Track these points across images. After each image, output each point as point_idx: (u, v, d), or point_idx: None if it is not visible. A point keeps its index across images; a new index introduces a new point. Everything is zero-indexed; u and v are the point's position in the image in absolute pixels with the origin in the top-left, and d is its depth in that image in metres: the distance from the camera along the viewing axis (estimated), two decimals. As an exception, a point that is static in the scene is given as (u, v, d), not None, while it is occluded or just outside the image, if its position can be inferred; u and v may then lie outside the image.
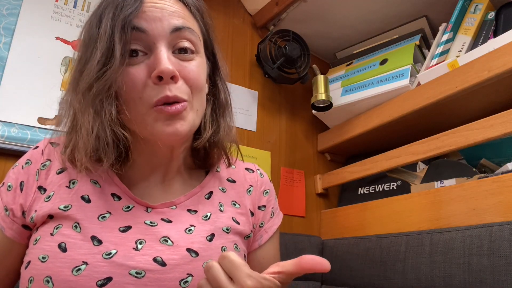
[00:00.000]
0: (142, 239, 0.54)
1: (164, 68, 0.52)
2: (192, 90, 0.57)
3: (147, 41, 0.54)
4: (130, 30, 0.53)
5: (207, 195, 0.64)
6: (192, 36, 0.57)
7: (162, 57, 0.53)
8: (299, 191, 1.27)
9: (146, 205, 0.59)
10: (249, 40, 1.32)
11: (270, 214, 0.71)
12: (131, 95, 0.54)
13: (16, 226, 0.57)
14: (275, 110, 1.31)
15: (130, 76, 0.53)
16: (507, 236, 0.72)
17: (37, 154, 0.60)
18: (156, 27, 0.54)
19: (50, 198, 0.56)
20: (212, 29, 0.65)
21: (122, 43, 0.52)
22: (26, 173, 0.58)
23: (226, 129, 0.65)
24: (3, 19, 0.92)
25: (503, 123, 0.81)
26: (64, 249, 0.51)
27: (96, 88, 0.52)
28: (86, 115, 0.53)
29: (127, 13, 0.53)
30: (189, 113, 0.56)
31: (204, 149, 0.64)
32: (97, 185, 0.58)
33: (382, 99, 1.11)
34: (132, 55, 0.54)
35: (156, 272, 0.52)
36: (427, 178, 1.05)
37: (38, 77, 0.92)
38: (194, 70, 0.57)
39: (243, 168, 0.72)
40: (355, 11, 1.21)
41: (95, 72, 0.52)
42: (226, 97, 0.67)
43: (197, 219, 0.60)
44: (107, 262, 0.50)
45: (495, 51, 0.85)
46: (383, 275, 0.93)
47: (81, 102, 0.53)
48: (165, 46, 0.54)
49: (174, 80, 0.54)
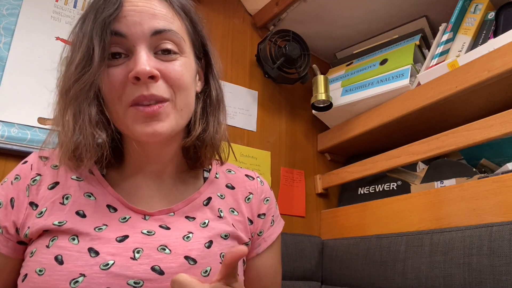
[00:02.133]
0: (140, 248, 0.54)
1: (140, 69, 0.52)
2: (174, 89, 0.56)
3: (127, 45, 0.54)
4: (109, 34, 0.53)
5: (205, 202, 0.64)
6: (174, 37, 0.57)
7: (141, 58, 0.53)
8: (299, 191, 1.27)
9: (143, 212, 0.58)
10: (249, 40, 1.32)
11: (270, 222, 0.70)
12: (111, 95, 0.54)
13: (11, 243, 0.56)
14: (275, 110, 1.31)
15: (110, 77, 0.54)
16: (507, 236, 0.72)
17: (26, 169, 0.59)
18: (136, 31, 0.54)
19: (42, 215, 0.55)
20: (201, 26, 0.64)
21: (101, 46, 0.52)
22: (16, 188, 0.58)
23: (216, 127, 0.64)
24: (3, 19, 0.92)
25: (502, 123, 0.81)
26: (61, 261, 0.51)
27: (74, 90, 0.52)
28: (66, 116, 0.53)
29: (106, 15, 0.53)
30: (171, 113, 0.56)
31: (194, 148, 0.63)
32: (91, 197, 0.58)
33: (382, 99, 1.11)
34: (115, 57, 0.54)
35: (154, 281, 0.52)
36: (427, 178, 1.05)
37: (38, 77, 0.92)
38: (176, 70, 0.56)
39: (243, 174, 0.72)
40: (355, 11, 1.21)
41: (74, 74, 0.53)
42: (218, 95, 0.66)
43: (195, 225, 0.60)
44: (105, 273, 0.50)
45: (495, 51, 0.85)
46: (383, 275, 0.93)
47: (63, 103, 0.54)
48: (146, 48, 0.54)
49: (155, 80, 0.54)
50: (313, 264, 1.14)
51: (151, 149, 0.60)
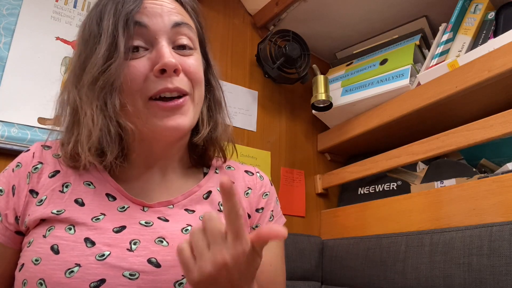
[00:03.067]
0: (137, 239, 0.54)
1: (167, 61, 0.53)
2: (193, 83, 0.58)
3: (148, 36, 0.56)
4: (132, 25, 0.54)
5: (205, 195, 0.64)
6: (191, 33, 0.59)
7: (165, 51, 0.54)
8: (299, 191, 1.27)
9: (142, 204, 0.58)
10: (249, 40, 1.32)
11: (268, 217, 0.69)
12: (132, 88, 0.55)
13: (9, 232, 0.56)
14: (275, 110, 1.31)
15: (132, 69, 0.54)
16: (507, 236, 0.72)
17: (28, 157, 0.60)
18: (157, 22, 0.56)
19: (42, 203, 0.55)
20: (205, 29, 0.67)
21: (125, 37, 0.54)
22: (17, 176, 0.58)
23: (224, 125, 0.66)
24: (3, 19, 0.92)
25: (503, 123, 0.81)
26: (57, 251, 0.51)
27: (102, 81, 0.53)
28: (91, 108, 0.53)
29: (129, 9, 0.54)
30: (190, 107, 0.58)
31: (202, 146, 0.65)
32: (91, 186, 0.58)
33: (382, 99, 1.11)
34: (134, 51, 0.55)
35: (150, 273, 0.51)
36: (427, 178, 1.05)
37: (38, 77, 0.92)
38: (194, 64, 0.59)
39: (243, 170, 0.72)
40: (355, 11, 1.21)
41: (99, 65, 0.53)
42: (220, 94, 0.68)
43: (194, 218, 0.60)
44: (100, 264, 0.50)
45: (495, 51, 0.85)
46: (383, 275, 0.93)
47: (87, 95, 0.54)
48: (166, 41, 0.56)
49: (177, 73, 0.55)
50: (313, 264, 1.14)
51: (159, 146, 0.60)
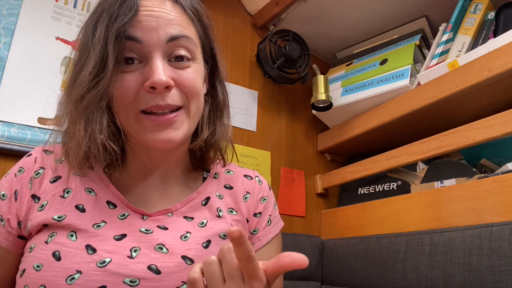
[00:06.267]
0: (137, 247, 0.54)
1: (157, 79, 0.52)
2: (188, 96, 0.57)
3: (142, 51, 0.54)
4: (124, 40, 0.52)
5: (204, 201, 0.64)
6: (189, 44, 0.57)
7: (157, 68, 0.53)
8: (299, 191, 1.27)
9: (142, 213, 0.58)
10: (249, 40, 1.32)
11: (266, 222, 0.69)
12: (122, 101, 0.54)
13: (11, 237, 0.56)
14: (275, 110, 1.31)
15: (124, 83, 0.53)
16: (507, 236, 0.72)
17: (30, 162, 0.60)
18: (152, 37, 0.53)
19: (43, 208, 0.55)
20: (210, 29, 0.65)
21: (115, 53, 0.52)
22: (19, 181, 0.58)
23: (223, 131, 0.65)
24: (3, 19, 0.92)
25: (503, 123, 0.81)
26: (58, 257, 0.51)
27: (87, 99, 0.52)
28: (77, 125, 0.53)
29: (122, 23, 0.52)
30: (185, 121, 0.57)
31: (200, 150, 0.64)
32: (92, 193, 0.58)
33: (382, 99, 1.11)
34: (128, 62, 0.54)
35: (151, 280, 0.52)
36: (427, 178, 1.05)
37: (38, 77, 0.92)
38: (189, 77, 0.56)
39: (242, 174, 0.72)
40: (355, 11, 1.21)
41: (86, 83, 0.52)
42: (224, 98, 0.67)
43: (193, 225, 0.60)
44: (101, 271, 0.50)
45: (495, 51, 0.85)
46: (383, 275, 0.93)
47: (73, 112, 0.54)
48: (161, 56, 0.54)
49: (169, 89, 0.54)
50: (313, 264, 1.14)
51: (158, 154, 0.60)
